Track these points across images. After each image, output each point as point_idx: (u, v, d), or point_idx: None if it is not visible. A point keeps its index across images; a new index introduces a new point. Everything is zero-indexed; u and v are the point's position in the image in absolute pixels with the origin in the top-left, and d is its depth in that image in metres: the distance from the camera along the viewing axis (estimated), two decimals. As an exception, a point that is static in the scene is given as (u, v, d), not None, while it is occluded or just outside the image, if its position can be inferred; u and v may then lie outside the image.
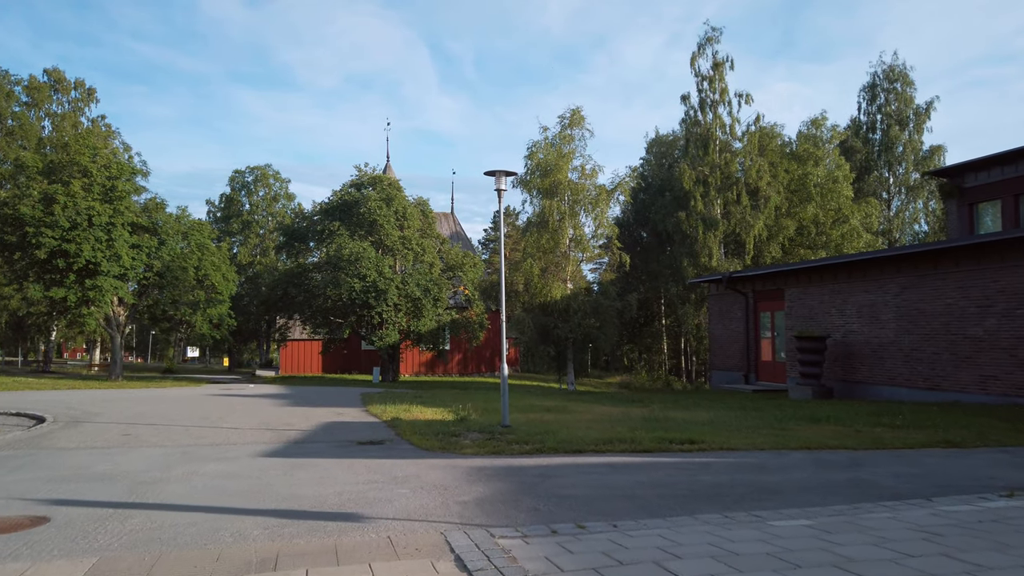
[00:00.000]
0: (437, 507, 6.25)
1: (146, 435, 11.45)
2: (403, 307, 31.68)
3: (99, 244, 27.19)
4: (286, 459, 9.09)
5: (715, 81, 40.17)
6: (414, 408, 15.47)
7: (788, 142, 43.63)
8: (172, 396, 19.97)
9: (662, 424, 11.97)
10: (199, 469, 8.24)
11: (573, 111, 25.64)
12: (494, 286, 27.39)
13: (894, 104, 48.57)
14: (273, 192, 66.06)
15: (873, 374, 19.67)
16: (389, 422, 13.14)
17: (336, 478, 7.69)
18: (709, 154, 39.75)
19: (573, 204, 25.62)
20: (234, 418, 13.96)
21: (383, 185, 33.76)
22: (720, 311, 26.97)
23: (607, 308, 26.10)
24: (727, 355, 26.43)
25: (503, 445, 9.83)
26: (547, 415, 14.25)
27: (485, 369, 46.54)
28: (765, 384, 23.85)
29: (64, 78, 47.04)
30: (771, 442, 9.74)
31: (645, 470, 7.92)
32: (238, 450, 9.90)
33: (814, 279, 22.07)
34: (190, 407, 16.32)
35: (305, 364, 44.37)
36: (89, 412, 14.92)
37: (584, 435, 10.46)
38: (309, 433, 11.78)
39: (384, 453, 9.63)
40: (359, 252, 30.73)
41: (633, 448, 9.33)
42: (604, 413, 14.69)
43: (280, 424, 13.03)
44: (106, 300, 27.72)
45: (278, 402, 17.93)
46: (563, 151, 25.67)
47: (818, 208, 41.13)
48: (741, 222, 39.09)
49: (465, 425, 12.18)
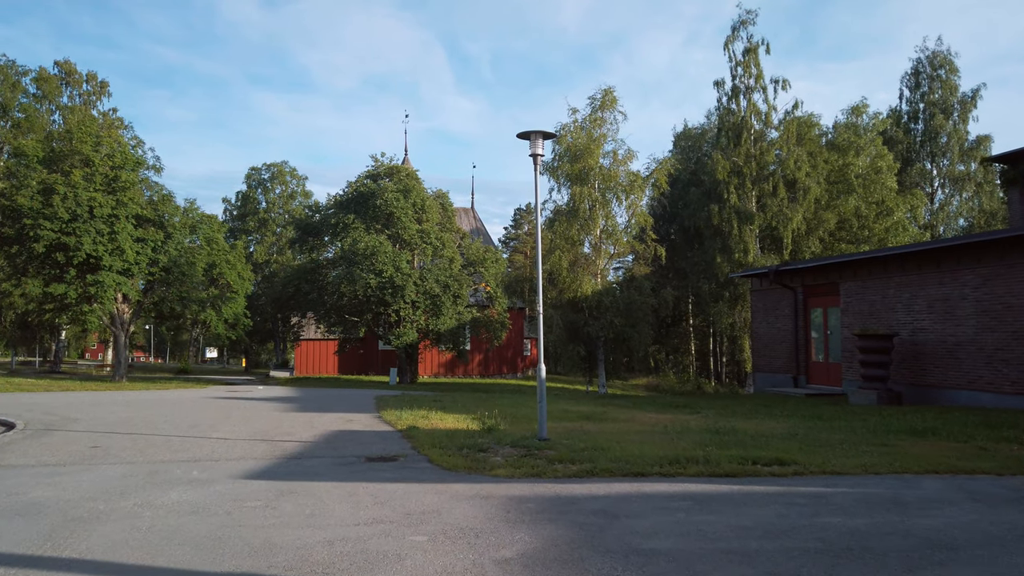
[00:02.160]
0: (467, 570, 4.35)
1: (118, 447, 9.67)
2: (421, 304, 29.86)
3: (101, 237, 25.65)
4: (274, 482, 7.25)
5: (749, 66, 37.93)
6: (433, 414, 13.61)
7: (826, 131, 41.28)
8: (170, 399, 18.28)
9: (729, 437, 9.99)
10: (158, 498, 6.41)
11: (605, 91, 23.65)
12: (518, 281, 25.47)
13: (938, 92, 46.04)
14: (290, 190, 64.71)
15: (947, 377, 17.49)
16: (405, 431, 11.28)
17: (331, 514, 5.82)
18: (743, 143, 37.48)
19: (604, 192, 23.61)
20: (228, 426, 12.18)
21: (400, 176, 31.98)
22: (764, 308, 24.84)
23: (641, 305, 24.05)
24: (772, 356, 24.30)
25: (544, 465, 7.92)
26: (587, 424, 12.31)
27: (507, 370, 44.63)
28: (817, 387, 21.70)
29: (75, 70, 45.87)
30: (884, 464, 7.72)
31: (742, 506, 5.96)
32: (219, 468, 8.08)
33: (875, 271, 19.92)
34: (184, 412, 14.58)
35: (320, 365, 42.74)
36: (68, 418, 13.21)
37: (642, 451, 8.52)
38: (310, 446, 9.94)
39: (397, 474, 7.77)
40: (375, 246, 28.98)
41: (711, 471, 7.37)
42: (652, 421, 12.72)
43: (278, 433, 11.21)
44: (108, 296, 26.16)
45: (283, 406, 16.15)
46: (593, 135, 23.68)
47: (860, 200, 38.71)
48: (778, 215, 36.78)
49: (494, 437, 10.28)
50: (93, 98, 46.64)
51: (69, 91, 45.68)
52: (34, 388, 21.26)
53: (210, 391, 22.21)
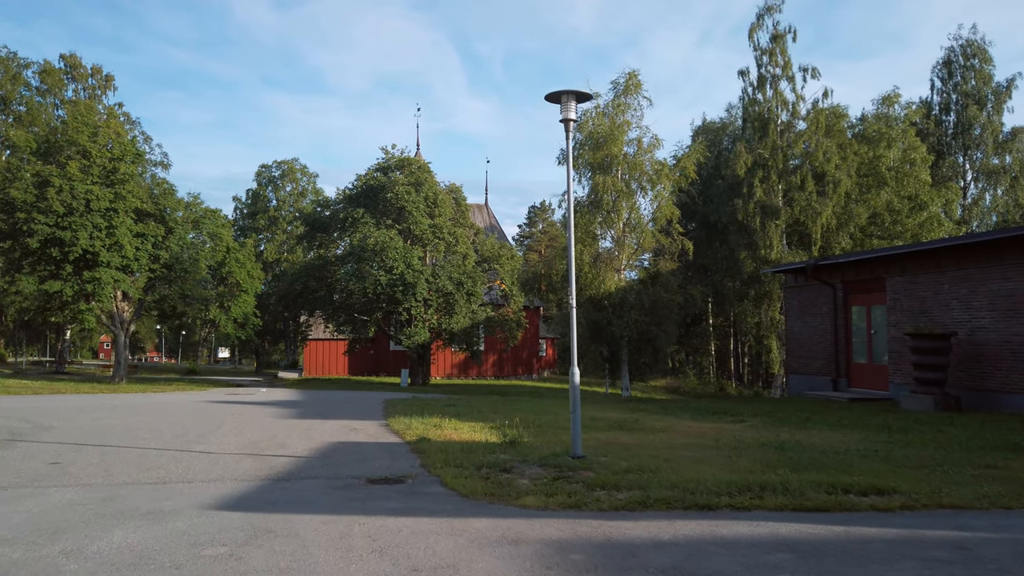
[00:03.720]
0: None
1: (81, 464, 8.30)
2: (433, 303, 28.46)
3: (98, 232, 24.43)
4: (250, 515, 5.84)
5: (776, 54, 36.24)
6: (446, 422, 12.18)
7: (855, 123, 39.51)
8: (164, 403, 16.96)
9: (796, 454, 8.48)
10: (95, 542, 5.01)
11: (629, 75, 22.05)
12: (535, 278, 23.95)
13: (971, 82, 44.15)
14: (300, 187, 63.59)
15: (1012, 381, 15.84)
16: (414, 444, 9.86)
17: (313, 569, 4.40)
18: (769, 135, 35.80)
19: (628, 182, 22.07)
20: (216, 436, 10.80)
21: (412, 168, 30.60)
22: (800, 306, 23.23)
23: (667, 302, 22.51)
24: (809, 357, 22.69)
25: (583, 492, 6.46)
26: (621, 435, 10.83)
27: (522, 371, 43.16)
28: (861, 391, 20.07)
29: (80, 64, 44.84)
30: (1010, 494, 6.19)
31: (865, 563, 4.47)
32: (189, 494, 6.68)
33: (926, 265, 18.28)
34: (173, 419, 13.22)
35: (330, 365, 41.45)
36: (42, 426, 11.89)
37: (699, 474, 7.03)
38: (303, 462, 8.53)
39: (403, 503, 6.34)
40: (385, 242, 27.61)
41: (795, 504, 5.88)
42: (695, 432, 11.22)
43: (271, 445, 9.82)
44: (106, 294, 24.94)
45: (282, 412, 14.78)
46: (616, 121, 22.16)
47: (892, 194, 36.89)
48: (806, 209, 35.03)
49: (517, 452, 8.83)
50: (98, 92, 45.60)
51: (74, 85, 44.68)
52: (23, 391, 20.02)
53: (210, 394, 20.90)
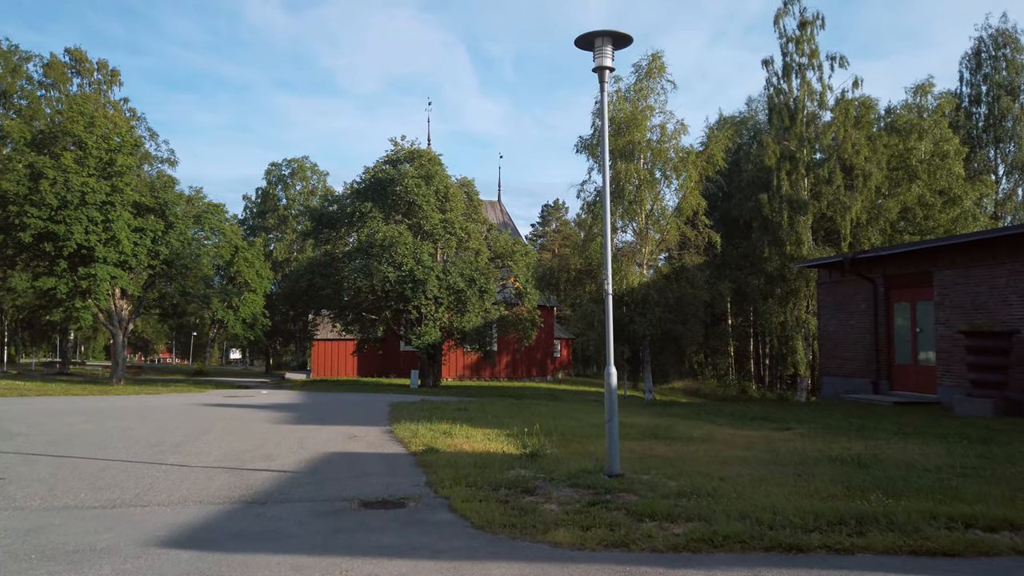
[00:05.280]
0: None
1: (25, 481, 7.03)
2: (444, 300, 27.15)
3: (93, 226, 23.32)
4: (202, 555, 4.53)
5: (803, 42, 34.66)
6: (457, 429, 10.85)
7: (884, 114, 37.88)
8: (153, 406, 15.74)
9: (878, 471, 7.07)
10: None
11: (653, 56, 20.58)
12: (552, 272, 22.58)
13: (1003, 72, 42.42)
14: (311, 185, 62.61)
15: (1082, 383, 14.34)
16: (420, 455, 8.54)
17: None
18: (796, 126, 34.23)
19: (652, 170, 20.65)
20: (197, 445, 9.52)
21: (422, 161, 29.31)
22: (835, 303, 21.73)
23: (693, 299, 21.07)
24: (845, 358, 21.20)
25: (627, 524, 5.10)
26: (656, 445, 9.45)
27: (536, 373, 41.78)
28: (905, 394, 18.56)
29: (85, 58, 44.01)
30: None
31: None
32: (136, 522, 5.38)
33: (978, 257, 16.77)
34: (156, 424, 11.97)
35: (339, 367, 40.24)
36: (7, 433, 10.66)
37: (770, 499, 5.65)
38: (288, 478, 7.22)
39: (401, 537, 5.01)
40: (394, 237, 26.34)
41: (911, 545, 4.50)
42: (741, 442, 9.83)
43: (255, 457, 8.52)
44: (102, 291, 23.80)
45: (278, 416, 13.50)
46: (639, 106, 20.75)
47: (924, 188, 35.21)
48: (834, 204, 33.45)
49: (541, 466, 7.47)
50: (104, 87, 44.74)
51: (80, 80, 43.83)
52: (9, 392, 18.87)
53: (208, 396, 19.69)
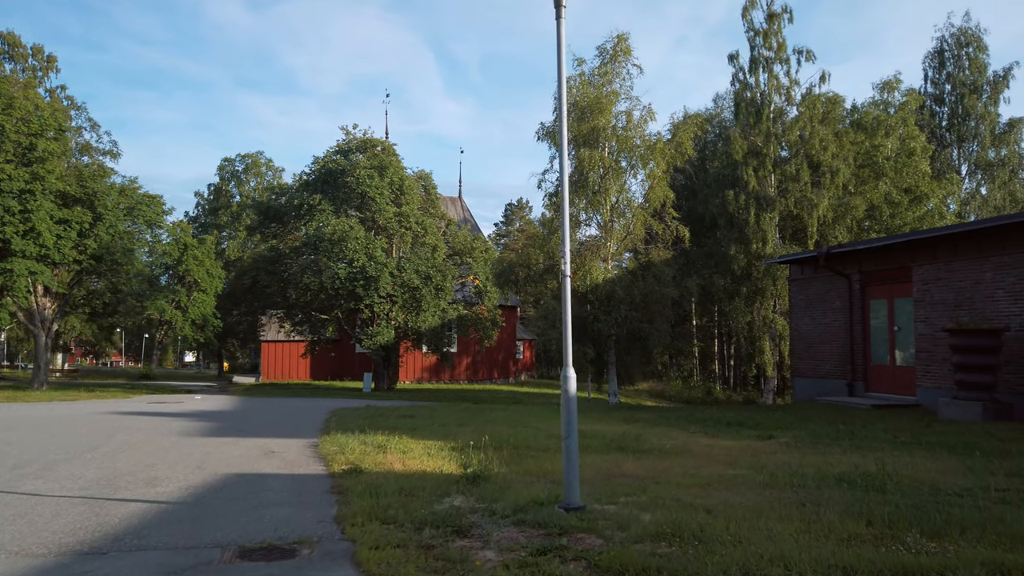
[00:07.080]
0: None
1: None
2: (399, 299, 25.54)
3: (10, 217, 21.27)
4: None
5: (770, 36, 33.84)
6: (395, 442, 9.35)
7: (850, 111, 37.35)
8: (56, 416, 13.90)
9: (898, 498, 5.79)
10: None
11: (618, 38, 19.29)
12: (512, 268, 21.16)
13: (966, 71, 42.37)
14: (265, 182, 60.30)
15: (1075, 384, 13.40)
16: (339, 478, 7.03)
17: None
18: (763, 121, 33.39)
19: (617, 159, 19.39)
20: (73, 465, 7.86)
21: (375, 151, 27.66)
22: (807, 300, 20.71)
23: (660, 297, 19.87)
24: (818, 358, 20.18)
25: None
26: (626, 460, 8.07)
27: (498, 375, 40.35)
28: (882, 396, 17.55)
29: (20, 43, 41.36)
30: None
31: None
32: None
33: (962, 251, 15.81)
34: (42, 438, 10.22)
35: (291, 369, 38.30)
36: None
37: (779, 545, 4.28)
38: (160, 513, 5.65)
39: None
40: (345, 231, 24.65)
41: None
42: (721, 454, 8.50)
43: (134, 482, 6.92)
44: (20, 288, 21.72)
45: (197, 427, 11.82)
46: (603, 91, 19.47)
47: (891, 186, 34.71)
48: (801, 201, 32.70)
49: (483, 494, 6.02)
50: (40, 74, 42.07)
51: (12, 65, 41.11)
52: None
53: (131, 403, 17.80)
